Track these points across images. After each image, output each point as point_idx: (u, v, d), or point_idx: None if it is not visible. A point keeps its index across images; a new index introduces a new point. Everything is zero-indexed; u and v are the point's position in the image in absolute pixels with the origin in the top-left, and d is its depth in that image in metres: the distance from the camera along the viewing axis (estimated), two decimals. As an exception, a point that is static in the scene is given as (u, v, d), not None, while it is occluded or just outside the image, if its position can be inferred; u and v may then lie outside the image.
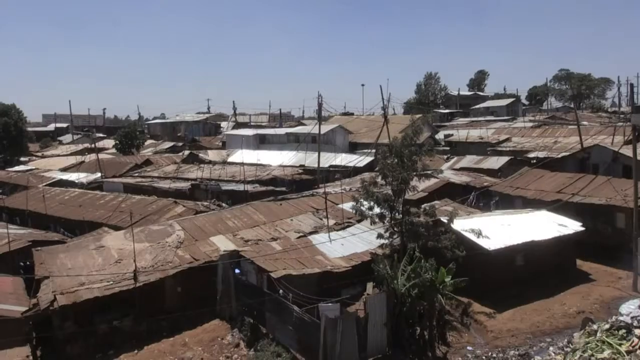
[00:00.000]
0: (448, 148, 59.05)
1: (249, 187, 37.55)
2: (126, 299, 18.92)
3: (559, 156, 39.94)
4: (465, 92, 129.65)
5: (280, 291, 17.87)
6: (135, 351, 18.10)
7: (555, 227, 24.35)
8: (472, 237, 20.83)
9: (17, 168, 60.91)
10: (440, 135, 65.30)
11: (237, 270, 20.04)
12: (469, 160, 46.25)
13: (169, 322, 19.23)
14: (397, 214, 20.71)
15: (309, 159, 49.11)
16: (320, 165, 43.99)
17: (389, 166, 20.58)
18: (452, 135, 64.17)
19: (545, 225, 24.41)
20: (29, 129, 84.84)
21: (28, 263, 22.76)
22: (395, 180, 20.24)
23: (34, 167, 61.34)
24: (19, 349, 15.20)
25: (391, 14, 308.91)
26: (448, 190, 32.87)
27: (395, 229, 20.74)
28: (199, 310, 19.20)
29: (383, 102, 50.72)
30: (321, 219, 25.34)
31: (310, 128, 55.95)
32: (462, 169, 42.82)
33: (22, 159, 70.65)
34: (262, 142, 63.38)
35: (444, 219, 20.92)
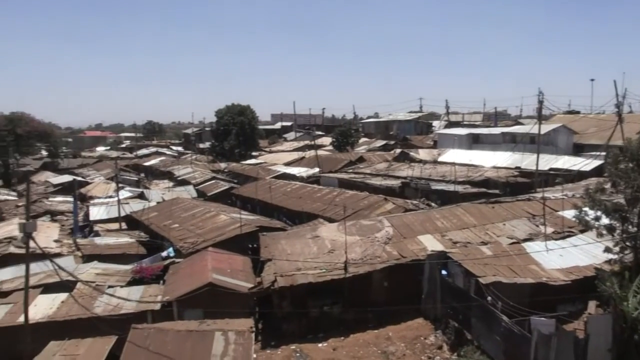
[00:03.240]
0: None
1: (459, 188, 36.67)
2: (336, 288, 20.01)
3: None
4: None
5: (489, 298, 17.07)
6: (342, 337, 19.03)
7: None
8: None
9: (249, 161, 68.80)
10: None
11: (444, 272, 19.72)
12: None
13: (374, 314, 19.80)
14: (630, 226, 18.14)
15: (526, 160, 45.94)
16: (539, 168, 40.85)
17: (621, 171, 18.14)
18: None
19: None
20: (260, 127, 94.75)
21: (255, 245, 25.55)
22: (629, 187, 17.76)
23: (262, 161, 68.59)
24: (244, 320, 17.08)
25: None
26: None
27: (627, 243, 18.20)
28: (404, 307, 19.37)
29: (617, 99, 44.92)
30: (537, 226, 23.53)
31: (529, 127, 52.23)
32: None
33: (253, 153, 79.47)
34: (475, 141, 61.25)
35: (694, 237, 17.69)
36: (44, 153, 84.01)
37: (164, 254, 26.94)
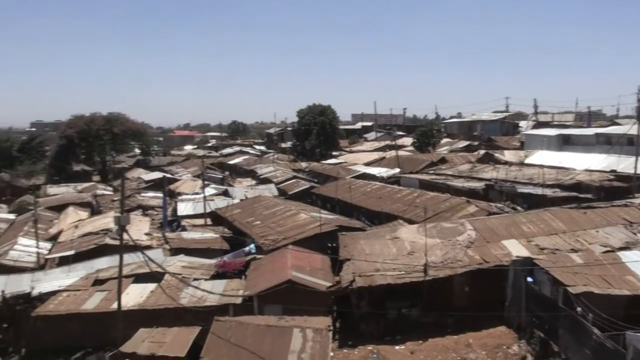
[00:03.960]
0: None
1: (547, 192, 34.92)
2: (415, 290, 19.70)
3: None
4: None
5: (578, 309, 16.12)
6: (420, 341, 18.69)
7: None
8: None
9: (329, 161, 69.32)
10: None
11: (529, 279, 18.85)
12: None
13: (454, 320, 19.29)
14: None
15: (623, 163, 42.93)
16: (638, 172, 38.10)
17: None
18: None
19: None
20: (341, 127, 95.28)
21: (334, 245, 25.70)
22: None
23: (343, 161, 68.86)
24: (322, 318, 17.26)
25: None
26: None
27: None
28: (486, 314, 18.73)
29: None
30: (635, 234, 21.93)
31: (627, 128, 48.82)
32: None
33: (334, 153, 80.00)
34: (565, 143, 58.08)
35: None
36: (137, 151, 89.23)
37: (246, 249, 27.73)
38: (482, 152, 61.33)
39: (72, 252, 29.43)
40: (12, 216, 45.55)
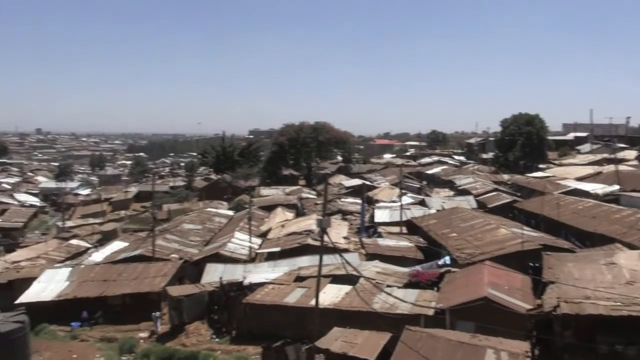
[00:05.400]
0: None
1: None
2: (634, 326, 17.21)
3: None
4: None
5: None
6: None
7: None
8: None
9: (535, 174, 64.64)
10: None
11: None
12: None
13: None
14: None
15: None
16: None
17: None
18: None
19: None
20: (549, 137, 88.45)
21: (536, 265, 23.82)
22: None
23: (550, 175, 63.61)
24: (519, 343, 16.13)
25: None
26: None
27: None
28: None
29: None
30: None
31: None
32: None
33: (540, 165, 74.44)
34: None
35: None
36: (340, 158, 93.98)
37: (440, 261, 27.24)
38: None
39: (278, 249, 32.24)
40: (231, 212, 51.62)
